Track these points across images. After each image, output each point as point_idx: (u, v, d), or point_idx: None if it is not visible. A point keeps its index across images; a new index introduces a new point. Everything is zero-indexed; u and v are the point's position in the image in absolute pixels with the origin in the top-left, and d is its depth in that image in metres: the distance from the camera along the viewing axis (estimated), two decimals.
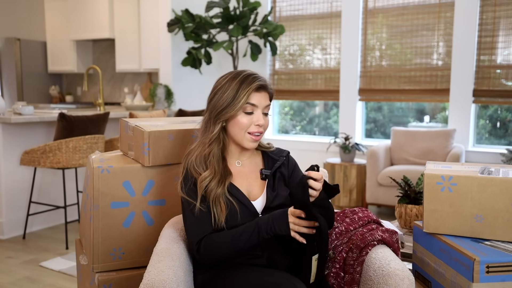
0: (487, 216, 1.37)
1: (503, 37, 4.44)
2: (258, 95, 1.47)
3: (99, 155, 1.83)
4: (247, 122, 1.47)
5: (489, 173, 1.40)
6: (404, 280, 1.32)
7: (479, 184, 1.37)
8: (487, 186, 1.36)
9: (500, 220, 1.36)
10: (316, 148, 5.32)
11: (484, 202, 1.37)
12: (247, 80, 1.46)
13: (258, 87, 1.46)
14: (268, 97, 1.51)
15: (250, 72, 1.49)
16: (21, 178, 3.80)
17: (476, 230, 1.39)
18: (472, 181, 1.38)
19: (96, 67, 4.47)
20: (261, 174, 1.56)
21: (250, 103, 1.46)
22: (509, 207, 1.35)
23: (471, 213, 1.39)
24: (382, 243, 1.54)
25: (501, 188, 1.35)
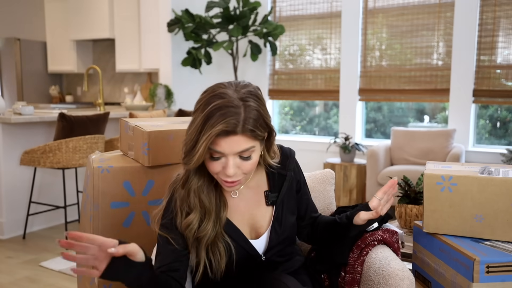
0: (487, 216, 1.37)
1: (503, 37, 4.44)
2: (226, 140, 1.10)
3: (99, 155, 1.83)
4: (215, 168, 1.15)
5: (489, 173, 1.39)
6: (404, 280, 1.32)
7: (479, 184, 1.37)
8: (487, 186, 1.36)
9: (500, 220, 1.36)
10: (316, 148, 5.32)
11: (484, 202, 1.37)
12: (211, 119, 1.08)
13: (222, 132, 1.09)
14: (244, 141, 1.11)
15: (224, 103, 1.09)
16: (21, 178, 3.80)
17: (476, 230, 1.39)
18: (472, 181, 1.37)
19: (96, 67, 4.47)
20: (266, 199, 1.32)
21: (213, 150, 1.12)
22: (509, 207, 1.35)
23: (471, 213, 1.38)
24: (382, 243, 1.54)
25: (501, 188, 1.35)
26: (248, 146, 1.12)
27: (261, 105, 1.15)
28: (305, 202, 1.42)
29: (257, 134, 1.13)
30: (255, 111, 1.11)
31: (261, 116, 1.13)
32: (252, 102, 1.12)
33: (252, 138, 1.12)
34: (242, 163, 1.15)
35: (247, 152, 1.14)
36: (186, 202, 1.22)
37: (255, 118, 1.11)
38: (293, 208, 1.37)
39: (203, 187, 1.22)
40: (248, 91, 1.13)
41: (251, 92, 1.14)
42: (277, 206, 1.32)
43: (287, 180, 1.34)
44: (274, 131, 1.22)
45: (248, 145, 1.12)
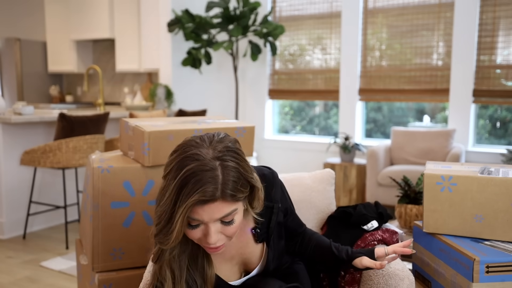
0: (487, 216, 1.37)
1: (503, 37, 4.44)
2: (204, 208, 0.99)
3: (99, 155, 1.83)
4: (195, 235, 1.04)
5: (489, 173, 1.39)
6: (404, 280, 1.32)
7: (479, 184, 1.37)
8: (487, 186, 1.36)
9: (500, 220, 1.36)
10: (316, 148, 5.32)
11: (484, 202, 1.37)
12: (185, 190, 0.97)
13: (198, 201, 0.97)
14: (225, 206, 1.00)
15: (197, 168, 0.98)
16: (21, 178, 3.80)
17: (476, 230, 1.39)
18: (472, 181, 1.37)
19: (96, 67, 4.47)
20: (254, 237, 1.21)
21: (192, 217, 1.00)
22: (509, 207, 1.35)
23: (471, 213, 1.38)
24: (382, 243, 1.54)
25: (501, 188, 1.35)
26: (229, 210, 1.01)
27: (241, 162, 1.03)
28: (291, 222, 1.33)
29: (238, 197, 1.01)
30: (234, 171, 1.00)
31: (241, 176, 1.02)
32: (230, 162, 1.00)
33: (233, 201, 1.01)
34: (224, 228, 1.04)
35: (229, 216, 1.02)
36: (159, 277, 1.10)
37: (235, 180, 1.00)
38: (281, 233, 1.29)
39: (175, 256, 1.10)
40: (225, 147, 1.02)
41: (229, 148, 1.02)
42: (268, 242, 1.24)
43: (274, 214, 1.23)
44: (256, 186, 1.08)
45: (229, 210, 1.01)
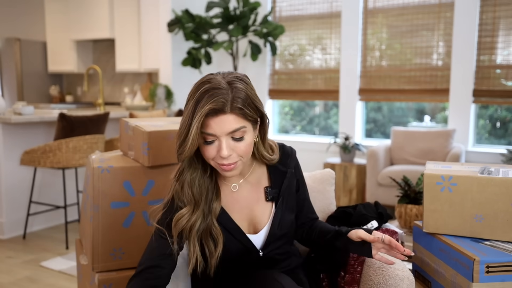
0: (487, 216, 1.37)
1: (503, 37, 4.44)
2: (214, 121, 1.11)
3: (99, 155, 1.83)
4: (210, 153, 1.15)
5: (489, 173, 1.39)
6: (404, 280, 1.32)
7: (479, 184, 1.36)
8: (487, 186, 1.36)
9: (500, 220, 1.36)
10: (316, 148, 5.32)
11: (484, 202, 1.36)
12: (201, 101, 1.11)
13: (209, 112, 1.10)
14: (234, 120, 1.12)
15: (211, 86, 1.13)
16: (21, 178, 3.80)
17: (476, 230, 1.39)
18: (472, 181, 1.37)
19: (96, 67, 4.47)
20: (266, 195, 1.31)
21: (205, 132, 1.12)
22: (509, 207, 1.34)
23: (471, 213, 1.38)
24: None
25: (501, 188, 1.35)
26: (238, 125, 1.13)
27: (249, 89, 1.16)
28: (302, 201, 1.42)
29: (246, 113, 1.13)
30: (242, 92, 1.13)
31: (249, 97, 1.14)
32: (239, 84, 1.14)
33: (242, 117, 1.13)
34: (235, 145, 1.15)
35: (239, 132, 1.13)
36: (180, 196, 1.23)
37: (243, 98, 1.13)
38: (292, 206, 1.37)
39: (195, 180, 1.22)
40: (234, 76, 1.17)
41: (238, 77, 1.17)
42: (277, 202, 1.31)
43: (287, 178, 1.34)
44: (266, 117, 1.23)
45: (238, 125, 1.13)
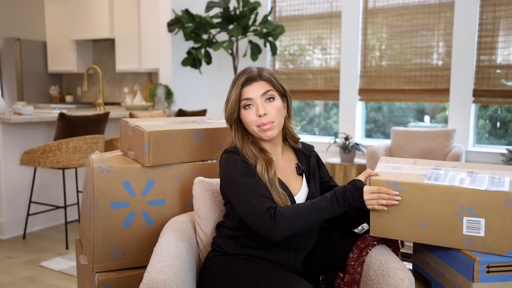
0: (431, 223, 1.35)
1: (503, 37, 4.44)
2: (249, 88, 1.45)
3: (99, 155, 1.83)
4: (250, 117, 1.45)
5: (436, 179, 1.36)
6: (404, 280, 1.32)
7: (424, 192, 1.34)
8: (431, 194, 1.34)
9: (443, 227, 1.34)
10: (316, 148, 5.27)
11: (429, 209, 1.34)
12: (238, 78, 1.47)
13: (245, 81, 1.45)
14: (264, 85, 1.46)
15: (245, 68, 1.49)
16: (21, 178, 3.80)
17: (421, 236, 1.37)
18: (417, 189, 1.35)
19: (96, 67, 4.47)
20: (297, 169, 1.55)
21: (243, 98, 1.45)
22: (453, 215, 1.32)
23: (415, 220, 1.36)
24: (382, 243, 1.54)
25: (445, 196, 1.32)
26: (267, 88, 1.46)
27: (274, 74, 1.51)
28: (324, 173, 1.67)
29: (273, 82, 1.48)
30: (269, 70, 1.50)
31: (274, 77, 1.50)
32: (265, 68, 1.51)
33: (270, 84, 1.47)
34: (268, 105, 1.45)
35: (269, 93, 1.46)
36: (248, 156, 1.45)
37: (270, 73, 1.49)
38: (317, 180, 1.60)
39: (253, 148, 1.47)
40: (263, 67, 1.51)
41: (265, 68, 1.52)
42: (307, 176, 1.55)
43: (312, 157, 1.62)
44: (289, 95, 1.54)
45: (267, 88, 1.46)
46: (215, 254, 1.51)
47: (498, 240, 1.29)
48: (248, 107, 1.45)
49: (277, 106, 1.47)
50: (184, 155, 1.82)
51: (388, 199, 1.34)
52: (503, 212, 1.28)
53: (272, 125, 1.45)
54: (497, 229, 1.28)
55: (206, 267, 1.51)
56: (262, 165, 1.43)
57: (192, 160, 1.85)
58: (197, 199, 1.66)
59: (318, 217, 1.37)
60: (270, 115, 1.44)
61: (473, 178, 1.35)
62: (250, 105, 1.45)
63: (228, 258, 1.47)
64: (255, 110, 1.44)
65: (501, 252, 1.29)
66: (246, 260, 1.44)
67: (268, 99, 1.45)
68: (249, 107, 1.45)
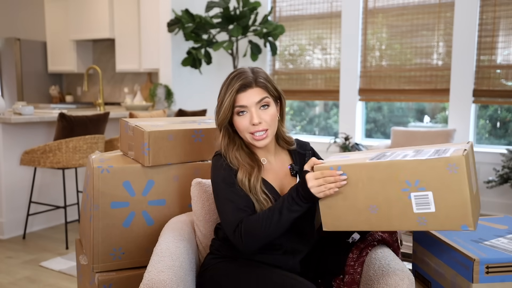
0: (381, 206, 1.24)
1: (503, 37, 4.44)
2: (244, 94, 1.40)
3: (99, 155, 1.83)
4: (243, 124, 1.41)
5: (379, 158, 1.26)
6: (404, 280, 1.32)
7: (367, 172, 1.24)
8: (374, 173, 1.23)
9: (393, 208, 1.23)
10: (316, 148, 5.26)
11: (375, 190, 1.24)
12: (231, 82, 1.41)
13: (239, 87, 1.39)
14: (260, 92, 1.41)
15: (238, 71, 1.43)
16: (21, 178, 3.80)
17: (374, 222, 1.27)
18: (360, 169, 1.25)
19: (96, 67, 4.47)
20: (291, 170, 1.52)
21: (238, 105, 1.40)
22: (400, 194, 1.21)
23: (365, 204, 1.26)
24: (382, 243, 1.54)
25: (388, 173, 1.22)
26: (263, 96, 1.41)
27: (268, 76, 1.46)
28: None
29: (268, 87, 1.43)
30: (263, 73, 1.45)
31: (268, 79, 1.44)
32: (260, 70, 1.46)
33: (265, 90, 1.42)
34: (262, 113, 1.41)
35: (264, 101, 1.41)
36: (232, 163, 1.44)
37: (265, 77, 1.43)
38: None
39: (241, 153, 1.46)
40: (257, 67, 1.48)
41: (259, 68, 1.48)
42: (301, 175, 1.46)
43: (307, 156, 1.57)
44: (284, 98, 1.50)
45: (263, 95, 1.41)
46: (213, 257, 1.51)
47: (450, 214, 1.18)
48: (242, 114, 1.41)
49: (272, 113, 1.43)
50: (184, 155, 1.82)
51: (335, 181, 1.26)
52: (448, 180, 1.16)
53: (267, 133, 1.42)
54: (447, 201, 1.18)
55: (204, 269, 1.51)
56: (244, 172, 1.41)
57: (192, 160, 1.86)
58: (195, 201, 1.66)
59: (284, 219, 1.32)
60: (264, 123, 1.41)
61: (417, 153, 1.26)
62: (244, 111, 1.41)
63: (226, 261, 1.47)
64: (249, 118, 1.40)
65: (455, 227, 1.19)
66: (244, 262, 1.44)
67: (263, 106, 1.41)
68: (242, 114, 1.41)
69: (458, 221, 1.18)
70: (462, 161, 1.15)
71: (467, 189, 1.16)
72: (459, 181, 1.16)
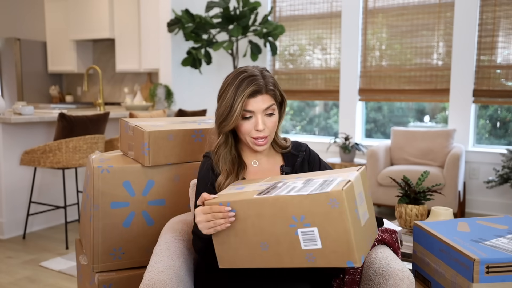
0: (271, 243, 1.20)
1: (503, 37, 4.44)
2: (254, 100, 1.40)
3: (99, 155, 1.83)
4: (247, 127, 1.43)
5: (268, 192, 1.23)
6: (404, 280, 1.32)
7: (255, 208, 1.20)
8: (262, 209, 1.20)
9: (283, 245, 1.19)
10: (316, 148, 5.28)
11: (264, 227, 1.20)
12: (242, 86, 1.39)
13: (251, 93, 1.39)
14: (268, 99, 1.42)
15: (248, 74, 1.41)
16: (21, 178, 3.80)
17: (266, 259, 1.22)
18: (247, 205, 1.21)
19: (96, 67, 4.47)
20: (281, 171, 1.52)
21: (246, 110, 1.41)
22: (289, 230, 1.18)
23: (255, 241, 1.22)
24: (382, 243, 1.54)
25: (274, 209, 1.18)
26: (270, 103, 1.43)
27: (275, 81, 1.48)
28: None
29: (276, 94, 1.45)
30: (271, 78, 1.45)
31: (276, 85, 1.46)
32: (268, 73, 1.46)
33: (273, 97, 1.44)
34: (267, 120, 1.43)
35: (271, 108, 1.43)
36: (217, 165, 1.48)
37: (273, 83, 1.45)
38: None
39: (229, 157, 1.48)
40: (263, 68, 1.48)
41: (265, 69, 1.47)
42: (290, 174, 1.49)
43: (299, 157, 1.57)
44: (285, 100, 1.51)
45: (270, 103, 1.43)
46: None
47: (335, 250, 1.15)
48: (248, 118, 1.42)
49: (275, 120, 1.46)
50: (184, 155, 1.82)
51: (224, 217, 1.21)
52: (331, 216, 1.13)
53: (267, 139, 1.45)
54: (331, 236, 1.15)
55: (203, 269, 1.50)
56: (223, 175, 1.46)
57: (192, 160, 1.86)
58: (193, 202, 1.66)
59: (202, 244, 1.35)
60: (267, 130, 1.44)
61: (306, 184, 1.23)
62: (251, 116, 1.42)
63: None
64: (254, 123, 1.42)
65: (341, 263, 1.16)
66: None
67: (268, 113, 1.43)
68: (248, 118, 1.42)
69: (344, 257, 1.15)
70: (342, 196, 1.12)
71: (349, 224, 1.13)
72: (341, 216, 1.13)
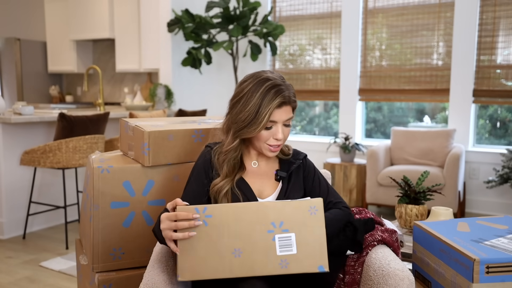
0: (245, 249, 1.22)
1: (503, 37, 4.44)
2: (280, 111, 1.42)
3: (99, 155, 1.83)
4: (266, 136, 1.45)
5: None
6: (404, 280, 1.32)
7: (235, 213, 1.24)
8: (243, 214, 1.23)
9: (259, 251, 1.22)
10: (316, 148, 5.32)
11: (241, 232, 1.23)
12: (269, 95, 1.39)
13: (280, 104, 1.40)
14: (290, 111, 1.45)
15: (274, 83, 1.41)
16: (21, 178, 3.80)
17: (236, 268, 1.22)
18: (227, 210, 1.24)
19: (96, 67, 4.47)
20: (275, 175, 1.55)
21: (271, 120, 1.42)
22: (266, 236, 1.23)
23: (228, 248, 1.22)
24: (382, 243, 1.54)
25: (257, 214, 1.24)
26: (291, 115, 1.46)
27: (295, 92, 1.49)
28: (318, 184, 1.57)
29: (295, 106, 1.48)
30: (293, 90, 1.47)
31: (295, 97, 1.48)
32: (288, 83, 1.46)
33: (293, 109, 1.47)
34: (285, 130, 1.47)
35: (290, 120, 1.46)
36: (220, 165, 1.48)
37: (294, 93, 1.46)
38: (300, 185, 1.55)
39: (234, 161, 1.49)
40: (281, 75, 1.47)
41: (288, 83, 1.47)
42: (284, 179, 1.53)
43: (295, 164, 1.57)
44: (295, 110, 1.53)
45: (291, 114, 1.46)
46: None
47: (308, 255, 1.23)
48: (268, 128, 1.44)
49: (289, 130, 1.50)
50: (184, 155, 1.82)
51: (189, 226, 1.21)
52: (309, 222, 1.24)
53: (280, 147, 1.49)
54: (307, 242, 1.23)
55: None
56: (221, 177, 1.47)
57: (192, 160, 1.85)
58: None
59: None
60: (283, 140, 1.47)
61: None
62: (272, 126, 1.44)
63: None
64: (274, 132, 1.44)
65: (313, 268, 1.22)
66: None
67: (287, 124, 1.47)
68: (269, 128, 1.44)
69: (316, 261, 1.23)
70: (321, 204, 1.26)
71: (324, 230, 1.25)
72: (317, 222, 1.25)
